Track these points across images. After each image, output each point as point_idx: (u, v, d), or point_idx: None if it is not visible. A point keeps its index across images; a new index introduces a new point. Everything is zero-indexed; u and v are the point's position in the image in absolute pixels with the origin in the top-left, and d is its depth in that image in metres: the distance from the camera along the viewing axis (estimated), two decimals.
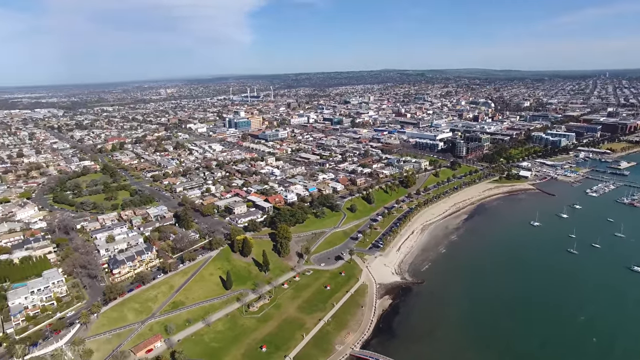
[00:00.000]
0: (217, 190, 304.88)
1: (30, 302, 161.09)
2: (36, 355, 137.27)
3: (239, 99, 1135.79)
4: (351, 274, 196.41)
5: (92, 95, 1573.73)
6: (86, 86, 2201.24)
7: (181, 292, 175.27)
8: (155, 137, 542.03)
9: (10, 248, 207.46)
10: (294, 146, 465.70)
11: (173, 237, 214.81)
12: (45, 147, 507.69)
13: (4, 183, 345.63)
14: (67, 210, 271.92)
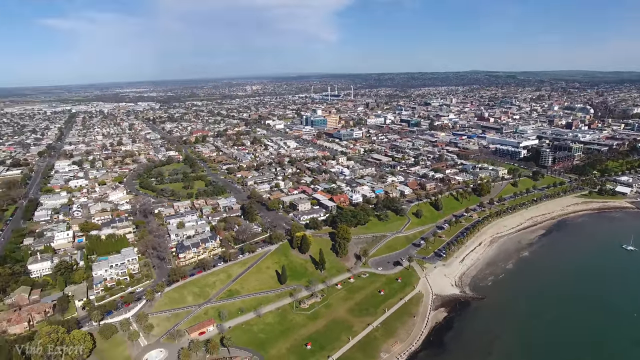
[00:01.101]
0: (285, 186, 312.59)
1: (109, 274, 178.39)
2: (108, 322, 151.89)
3: (319, 97, 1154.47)
4: (408, 282, 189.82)
5: (186, 90, 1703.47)
6: (181, 82, 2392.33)
7: (238, 281, 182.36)
8: (235, 132, 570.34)
9: (100, 225, 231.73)
10: (367, 146, 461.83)
11: (237, 228, 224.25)
12: (140, 137, 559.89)
13: (104, 167, 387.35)
14: (149, 195, 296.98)
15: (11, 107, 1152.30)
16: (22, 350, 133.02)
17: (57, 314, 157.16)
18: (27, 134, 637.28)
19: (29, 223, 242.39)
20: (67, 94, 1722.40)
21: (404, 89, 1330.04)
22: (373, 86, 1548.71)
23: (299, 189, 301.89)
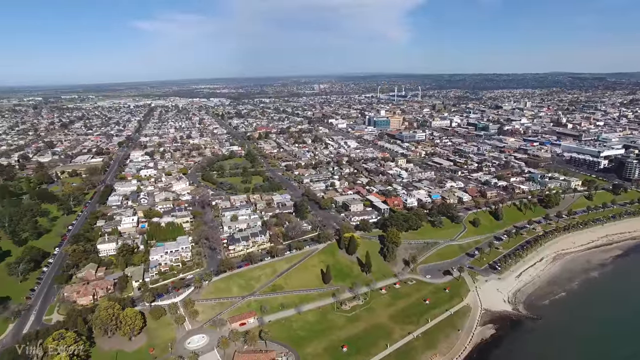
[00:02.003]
0: (340, 186, 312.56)
1: (164, 260, 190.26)
2: (158, 304, 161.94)
3: (385, 97, 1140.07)
4: (456, 293, 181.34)
5: (256, 87, 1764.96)
6: (252, 79, 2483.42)
7: (283, 277, 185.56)
8: (298, 130, 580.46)
9: (162, 213, 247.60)
10: (429, 149, 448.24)
11: (287, 224, 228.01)
12: (208, 132, 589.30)
13: (172, 159, 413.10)
14: (209, 187, 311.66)
15: (103, 101, 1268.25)
16: (84, 318, 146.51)
17: (116, 292, 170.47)
18: (111, 125, 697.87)
19: (103, 207, 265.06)
20: (149, 90, 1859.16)
21: (475, 90, 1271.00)
22: (443, 87, 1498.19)
23: (354, 190, 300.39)
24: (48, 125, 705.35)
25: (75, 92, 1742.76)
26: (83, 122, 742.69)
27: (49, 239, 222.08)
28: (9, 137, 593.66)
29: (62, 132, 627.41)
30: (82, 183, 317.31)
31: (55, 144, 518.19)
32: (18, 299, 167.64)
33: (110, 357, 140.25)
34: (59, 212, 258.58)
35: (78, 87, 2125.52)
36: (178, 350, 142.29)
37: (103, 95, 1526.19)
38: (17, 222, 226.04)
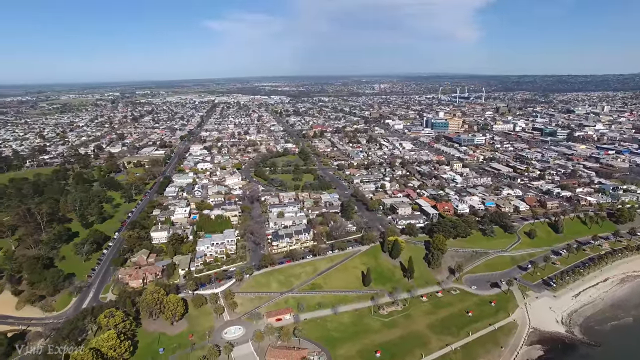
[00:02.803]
0: (390, 188, 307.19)
1: (209, 251, 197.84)
2: (200, 293, 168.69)
3: (447, 98, 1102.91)
4: (502, 307, 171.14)
5: (316, 86, 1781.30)
6: (313, 78, 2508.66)
7: (322, 276, 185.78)
8: (354, 129, 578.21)
9: (212, 206, 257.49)
10: (488, 154, 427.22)
11: (332, 224, 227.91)
12: (265, 129, 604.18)
13: (228, 154, 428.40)
14: (260, 183, 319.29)
15: (171, 97, 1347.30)
16: (133, 301, 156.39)
17: (164, 278, 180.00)
18: (176, 120, 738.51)
19: (160, 197, 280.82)
20: (214, 86, 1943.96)
21: (546, 93, 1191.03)
22: (509, 89, 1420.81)
23: (404, 192, 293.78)
24: (122, 119, 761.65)
25: (148, 88, 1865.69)
26: (151, 116, 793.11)
27: (111, 223, 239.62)
28: (89, 128, 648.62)
29: (133, 125, 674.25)
30: (145, 173, 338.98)
31: (126, 136, 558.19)
32: (81, 277, 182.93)
33: (153, 338, 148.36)
34: (122, 200, 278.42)
35: (151, 84, 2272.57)
36: (215, 339, 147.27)
37: (172, 91, 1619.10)
38: (86, 207, 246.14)
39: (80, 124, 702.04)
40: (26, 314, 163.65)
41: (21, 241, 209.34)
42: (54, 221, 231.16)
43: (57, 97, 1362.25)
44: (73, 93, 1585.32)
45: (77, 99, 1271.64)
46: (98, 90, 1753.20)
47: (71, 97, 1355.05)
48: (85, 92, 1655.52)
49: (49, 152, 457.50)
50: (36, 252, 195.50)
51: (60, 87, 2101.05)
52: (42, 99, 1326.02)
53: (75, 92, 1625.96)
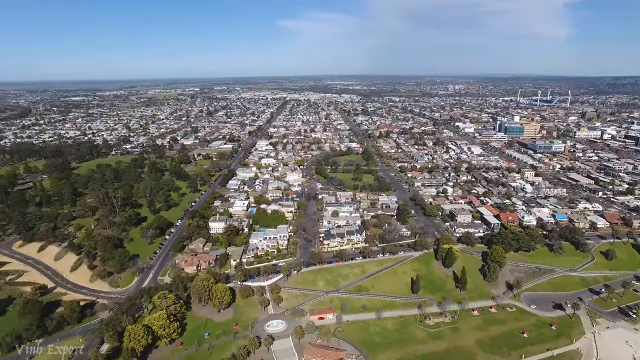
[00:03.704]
0: (452, 193, 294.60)
1: (261, 244, 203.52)
2: (248, 284, 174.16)
3: (526, 101, 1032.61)
4: (565, 332, 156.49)
5: (388, 86, 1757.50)
6: (386, 77, 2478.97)
7: (370, 279, 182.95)
8: (421, 131, 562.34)
9: (270, 200, 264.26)
10: (566, 163, 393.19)
11: (386, 227, 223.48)
12: (332, 127, 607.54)
13: (292, 151, 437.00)
14: (320, 181, 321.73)
15: (246, 93, 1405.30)
16: (185, 286, 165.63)
17: (216, 266, 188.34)
18: (247, 115, 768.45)
19: (222, 189, 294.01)
20: (287, 84, 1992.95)
21: None
22: (601, 92, 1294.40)
23: (466, 199, 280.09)
24: (197, 113, 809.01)
25: (225, 84, 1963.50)
26: (225, 111, 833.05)
27: (176, 211, 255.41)
28: (168, 121, 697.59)
29: (207, 119, 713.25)
30: (211, 165, 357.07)
31: (199, 129, 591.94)
32: (144, 258, 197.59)
33: (201, 323, 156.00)
34: (188, 190, 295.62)
35: (228, 80, 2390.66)
36: (257, 331, 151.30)
37: (247, 88, 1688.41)
38: (155, 194, 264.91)
39: (161, 116, 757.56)
40: (97, 287, 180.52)
41: (99, 221, 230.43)
42: (127, 205, 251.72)
43: (145, 92, 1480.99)
44: (159, 88, 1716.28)
45: (162, 94, 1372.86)
46: (180, 85, 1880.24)
47: (156, 92, 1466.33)
48: (169, 87, 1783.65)
49: (132, 142, 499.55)
50: (110, 232, 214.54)
51: (148, 82, 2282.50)
52: (133, 93, 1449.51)
53: (161, 87, 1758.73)
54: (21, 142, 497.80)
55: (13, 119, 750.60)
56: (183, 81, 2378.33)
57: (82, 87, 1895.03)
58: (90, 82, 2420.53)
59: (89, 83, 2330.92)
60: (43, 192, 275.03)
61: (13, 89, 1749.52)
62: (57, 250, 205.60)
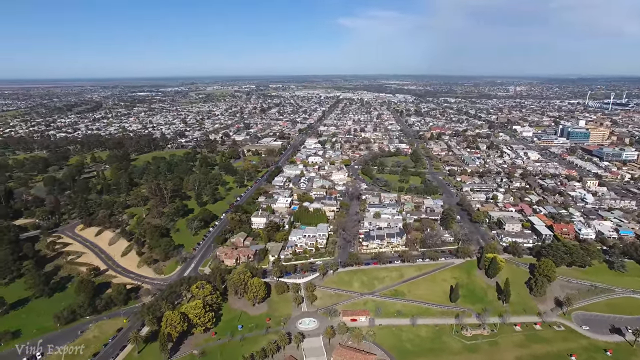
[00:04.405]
0: (503, 200, 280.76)
1: (300, 242, 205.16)
2: (284, 281, 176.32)
3: (596, 104, 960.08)
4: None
5: (445, 86, 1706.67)
6: (442, 77, 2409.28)
7: (407, 284, 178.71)
8: (475, 133, 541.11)
9: (313, 199, 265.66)
10: (638, 173, 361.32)
11: (428, 231, 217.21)
12: (382, 127, 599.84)
13: (340, 149, 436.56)
14: (365, 181, 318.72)
15: (300, 91, 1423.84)
16: (222, 278, 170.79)
17: (255, 261, 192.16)
18: (299, 113, 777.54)
19: (268, 185, 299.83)
20: (342, 82, 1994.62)
21: None
22: None
23: (517, 207, 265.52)
24: (251, 110, 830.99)
25: (280, 82, 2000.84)
26: (278, 109, 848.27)
27: (221, 205, 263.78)
28: (222, 117, 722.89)
29: (260, 116, 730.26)
30: (259, 162, 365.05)
31: (252, 125, 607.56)
32: (188, 249, 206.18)
33: (235, 315, 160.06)
34: (234, 184, 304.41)
35: (283, 78, 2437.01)
36: (289, 327, 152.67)
37: (302, 86, 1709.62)
38: (203, 187, 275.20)
39: (216, 112, 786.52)
40: (143, 273, 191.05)
41: (150, 211, 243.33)
42: (177, 197, 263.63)
43: (204, 88, 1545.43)
44: (217, 84, 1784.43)
45: (219, 90, 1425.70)
46: (237, 82, 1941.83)
47: (215, 89, 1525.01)
48: (227, 84, 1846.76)
49: (187, 136, 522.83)
50: (158, 221, 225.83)
51: (208, 79, 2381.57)
52: (193, 89, 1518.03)
53: (219, 84, 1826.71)
54: (91, 134, 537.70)
55: (86, 112, 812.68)
56: (240, 78, 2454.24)
57: (147, 83, 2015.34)
58: (155, 79, 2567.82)
59: (154, 80, 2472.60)
60: (104, 180, 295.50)
61: (90, 84, 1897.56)
62: (112, 236, 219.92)
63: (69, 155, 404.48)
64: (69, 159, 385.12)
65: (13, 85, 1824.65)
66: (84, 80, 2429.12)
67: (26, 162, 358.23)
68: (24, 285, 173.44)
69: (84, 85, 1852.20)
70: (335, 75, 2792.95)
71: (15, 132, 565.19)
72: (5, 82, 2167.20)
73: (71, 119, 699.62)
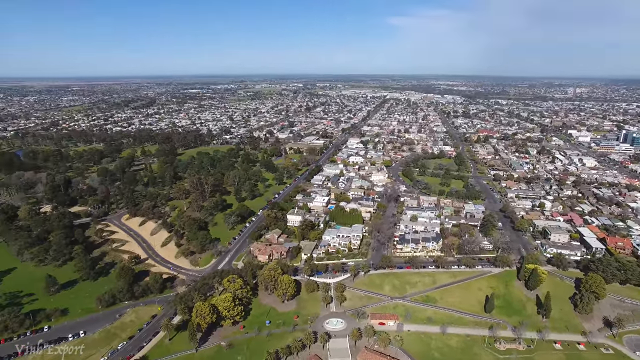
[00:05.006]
0: (551, 209, 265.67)
1: (334, 242, 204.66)
2: (314, 279, 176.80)
3: None
4: None
5: (497, 87, 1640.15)
6: (495, 78, 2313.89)
7: (440, 290, 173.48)
8: (525, 137, 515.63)
9: (350, 199, 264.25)
10: None
11: (466, 237, 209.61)
12: (427, 128, 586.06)
13: (382, 150, 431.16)
14: (405, 183, 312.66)
15: (347, 90, 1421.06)
16: (254, 273, 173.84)
17: (287, 258, 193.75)
18: (344, 112, 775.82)
19: (306, 183, 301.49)
20: (389, 82, 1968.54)
21: None
22: None
23: (566, 217, 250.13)
24: (297, 108, 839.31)
25: (328, 80, 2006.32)
26: (323, 108, 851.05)
27: (259, 201, 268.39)
28: (268, 115, 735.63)
29: (305, 115, 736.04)
30: (300, 160, 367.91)
31: (296, 124, 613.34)
32: (224, 243, 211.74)
33: (264, 310, 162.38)
34: (274, 182, 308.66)
35: (331, 77, 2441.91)
36: (316, 326, 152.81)
37: (349, 85, 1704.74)
38: (242, 184, 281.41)
39: (262, 110, 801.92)
40: (179, 263, 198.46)
41: (190, 204, 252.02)
42: (217, 192, 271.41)
43: (253, 86, 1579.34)
44: (265, 82, 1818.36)
45: (267, 88, 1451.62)
46: (285, 81, 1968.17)
47: (263, 87, 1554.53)
48: (275, 82, 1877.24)
49: (232, 132, 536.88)
50: (198, 215, 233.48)
51: (257, 77, 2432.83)
52: (242, 87, 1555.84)
53: (267, 82, 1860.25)
54: (143, 129, 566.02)
55: (141, 107, 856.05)
56: (288, 77, 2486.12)
57: (199, 80, 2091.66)
58: (208, 77, 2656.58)
59: (206, 77, 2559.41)
60: (151, 173, 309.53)
61: (146, 82, 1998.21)
62: (154, 226, 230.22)
63: (122, 148, 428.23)
64: (121, 151, 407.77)
65: (80, 82, 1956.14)
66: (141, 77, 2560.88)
67: (84, 153, 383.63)
68: (73, 268, 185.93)
69: (141, 82, 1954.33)
70: (383, 75, 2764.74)
71: (78, 126, 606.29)
72: (74, 80, 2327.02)
73: (127, 114, 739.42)
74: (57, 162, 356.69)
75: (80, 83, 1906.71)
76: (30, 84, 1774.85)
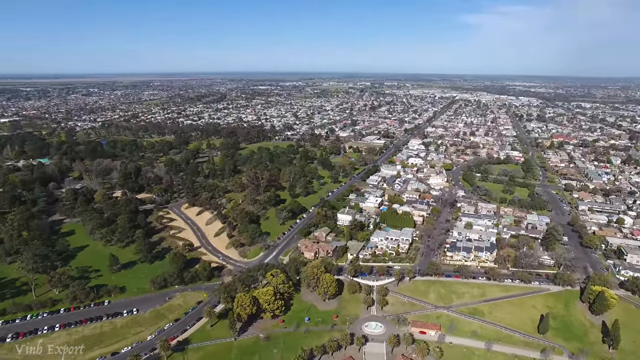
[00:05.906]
0: (632, 225, 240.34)
1: (381, 244, 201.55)
2: (357, 280, 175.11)
3: None
4: None
5: (581, 89, 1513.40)
6: (579, 79, 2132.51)
7: (489, 304, 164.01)
8: (608, 145, 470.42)
9: (404, 201, 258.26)
10: None
11: (524, 250, 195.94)
12: (496, 132, 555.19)
13: (444, 153, 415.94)
14: (464, 188, 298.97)
15: (414, 90, 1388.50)
16: (297, 269, 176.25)
17: (333, 257, 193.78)
18: (409, 112, 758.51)
19: (361, 183, 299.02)
20: (460, 82, 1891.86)
21: None
22: None
23: None
24: (361, 107, 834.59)
25: (396, 79, 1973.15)
26: (388, 107, 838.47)
27: (313, 198, 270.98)
28: (332, 113, 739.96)
29: (369, 114, 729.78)
30: (358, 159, 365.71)
31: (358, 122, 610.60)
32: (273, 237, 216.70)
33: (305, 307, 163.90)
34: (329, 180, 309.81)
35: (400, 76, 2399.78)
36: (354, 328, 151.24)
37: (417, 84, 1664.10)
38: (297, 180, 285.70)
39: (327, 107, 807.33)
40: (229, 254, 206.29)
41: (246, 197, 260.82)
42: (272, 187, 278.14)
43: (320, 84, 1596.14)
44: (333, 80, 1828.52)
45: (334, 86, 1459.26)
46: (353, 79, 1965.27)
47: (330, 84, 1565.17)
48: (343, 80, 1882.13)
49: (295, 129, 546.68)
50: (251, 208, 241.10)
51: (326, 75, 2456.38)
52: (310, 84, 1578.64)
53: (335, 80, 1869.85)
54: (211, 122, 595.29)
55: (212, 102, 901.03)
56: (356, 75, 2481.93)
57: (269, 77, 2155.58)
58: (277, 73, 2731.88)
59: (276, 74, 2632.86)
60: (213, 165, 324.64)
61: (220, 78, 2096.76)
62: (209, 217, 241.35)
63: (190, 140, 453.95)
64: (189, 143, 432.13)
65: (161, 78, 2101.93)
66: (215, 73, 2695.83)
67: (156, 144, 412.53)
68: (134, 250, 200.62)
69: (214, 78, 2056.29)
70: (454, 75, 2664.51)
71: (154, 118, 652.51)
72: (157, 75, 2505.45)
73: (199, 108, 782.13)
74: (131, 152, 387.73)
75: (161, 79, 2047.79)
76: (120, 79, 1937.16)
